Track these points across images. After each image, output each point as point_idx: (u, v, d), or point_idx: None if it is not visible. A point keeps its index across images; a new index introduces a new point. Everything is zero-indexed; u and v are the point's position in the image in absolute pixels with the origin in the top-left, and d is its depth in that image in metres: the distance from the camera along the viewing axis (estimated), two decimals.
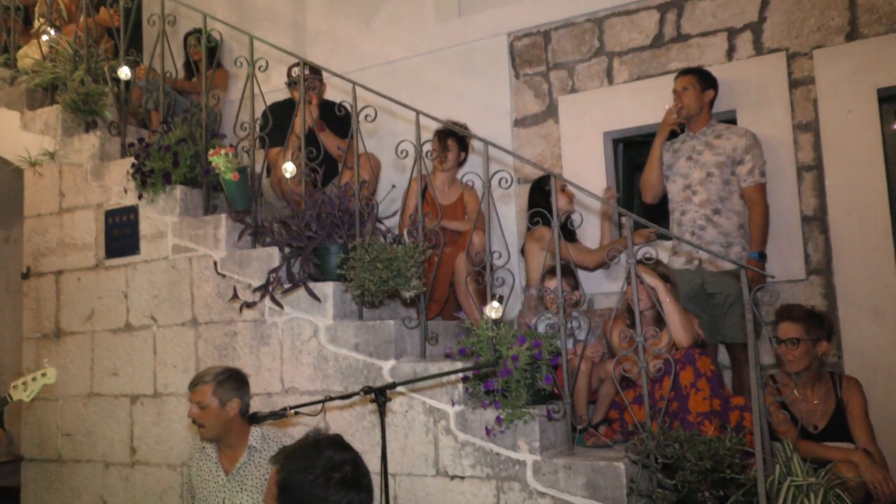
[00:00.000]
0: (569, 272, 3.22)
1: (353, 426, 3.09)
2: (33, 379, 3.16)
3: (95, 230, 3.87)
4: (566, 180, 3.17)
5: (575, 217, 3.40)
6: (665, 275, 3.10)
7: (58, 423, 3.87)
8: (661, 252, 3.63)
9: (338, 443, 1.83)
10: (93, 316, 3.84)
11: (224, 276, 3.48)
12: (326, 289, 3.23)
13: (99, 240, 3.85)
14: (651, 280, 2.96)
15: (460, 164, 4.08)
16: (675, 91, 3.67)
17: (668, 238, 3.56)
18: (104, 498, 3.69)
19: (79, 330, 3.88)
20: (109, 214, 3.82)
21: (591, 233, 4.00)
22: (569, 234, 3.68)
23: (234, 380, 2.86)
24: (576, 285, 3.35)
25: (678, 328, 2.90)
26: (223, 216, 3.55)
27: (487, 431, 2.76)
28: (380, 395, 2.46)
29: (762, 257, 3.47)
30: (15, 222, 5.37)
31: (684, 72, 3.70)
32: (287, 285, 3.26)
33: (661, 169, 3.71)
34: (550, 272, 3.37)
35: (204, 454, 2.93)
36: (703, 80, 3.65)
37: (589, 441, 2.95)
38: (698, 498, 2.45)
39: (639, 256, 2.78)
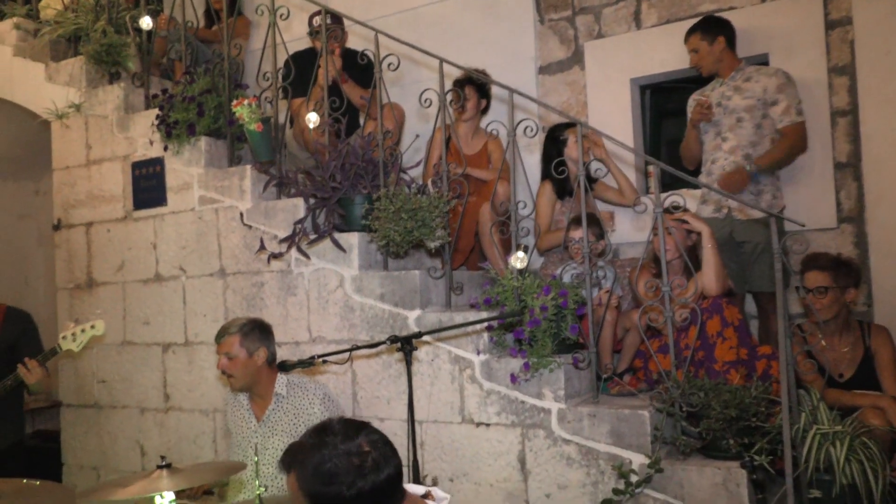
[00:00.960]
0: (594, 222, 3.19)
1: (380, 374, 3.14)
2: (82, 330, 3.25)
3: (123, 182, 3.91)
4: (592, 128, 3.12)
5: (596, 166, 3.37)
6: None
7: (93, 371, 3.98)
8: (690, 201, 3.58)
9: (348, 425, 1.62)
10: (123, 267, 3.91)
11: (250, 227, 3.51)
12: (352, 239, 3.25)
13: (126, 191, 3.89)
14: (697, 224, 2.94)
15: (483, 112, 4.02)
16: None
17: (696, 186, 3.50)
18: (140, 442, 3.82)
19: (110, 280, 3.95)
20: (136, 166, 3.85)
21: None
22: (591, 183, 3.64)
23: (259, 330, 2.92)
24: (601, 235, 3.33)
25: (712, 276, 2.88)
26: (248, 167, 3.56)
27: (513, 380, 2.79)
28: (406, 344, 2.50)
29: (755, 175, 3.39)
30: (44, 174, 5.44)
31: (689, 31, 3.59)
32: (313, 236, 3.28)
33: (698, 145, 3.64)
34: (576, 221, 3.36)
35: (237, 402, 3.01)
36: (708, 31, 3.54)
37: (613, 390, 2.97)
38: (722, 445, 2.47)
39: (666, 205, 2.75)
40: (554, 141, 3.76)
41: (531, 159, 3.94)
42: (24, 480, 2.42)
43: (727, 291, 2.99)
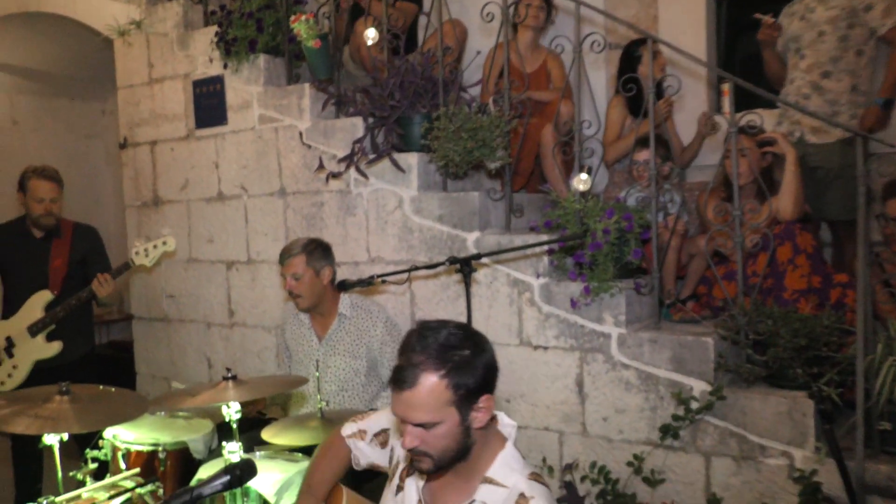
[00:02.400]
0: (661, 142, 3.06)
1: (438, 295, 3.15)
2: (154, 246, 3.35)
3: (184, 100, 3.92)
4: (664, 42, 2.94)
5: (669, 82, 3.18)
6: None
7: (162, 286, 4.13)
8: (768, 119, 3.39)
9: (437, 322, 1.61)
10: (187, 185, 3.97)
11: (309, 146, 3.49)
12: (410, 159, 3.20)
13: (188, 110, 3.91)
14: (785, 145, 2.80)
15: (543, 28, 3.84)
16: None
17: (772, 106, 3.30)
18: (207, 355, 3.97)
19: (175, 198, 4.03)
20: (196, 84, 3.85)
21: (689, 102, 3.75)
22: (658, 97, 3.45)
23: (321, 248, 2.94)
24: (667, 157, 3.20)
25: (790, 199, 2.74)
26: (306, 86, 3.51)
27: (572, 304, 2.75)
28: (465, 266, 2.48)
29: (888, 105, 3.16)
30: (110, 94, 5.52)
31: None
32: (371, 156, 3.25)
33: (776, 64, 3.40)
34: (641, 143, 3.23)
35: (297, 320, 3.07)
36: None
37: (676, 316, 2.91)
38: (789, 375, 2.40)
39: (741, 124, 2.60)
40: (629, 57, 3.57)
41: (597, 76, 3.77)
42: (101, 387, 2.55)
43: (802, 217, 2.85)
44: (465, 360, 1.49)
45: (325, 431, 2.33)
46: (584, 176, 2.80)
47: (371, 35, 3.24)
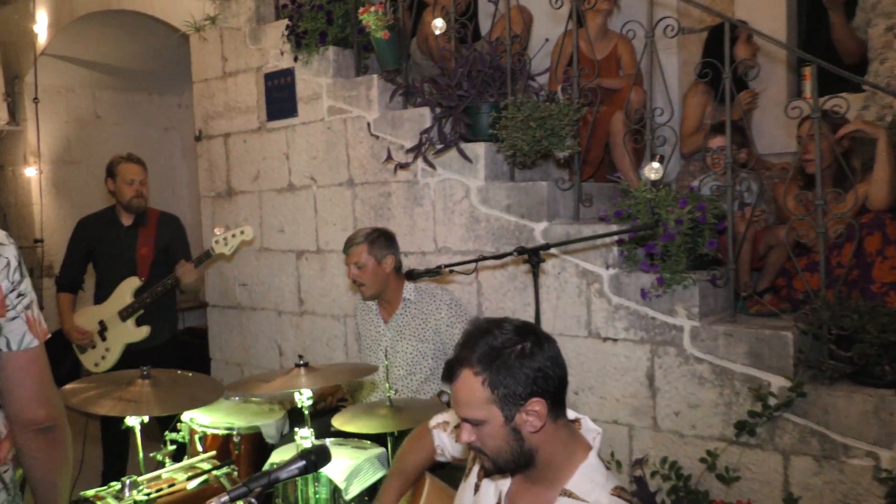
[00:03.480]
0: (737, 129, 2.95)
1: (505, 286, 3.13)
2: (233, 235, 3.47)
3: (256, 93, 4.01)
4: (741, 24, 2.83)
5: (750, 66, 3.08)
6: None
7: (235, 275, 4.24)
8: (855, 103, 3.23)
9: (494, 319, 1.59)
10: (259, 176, 4.07)
11: (377, 137, 3.52)
12: (478, 149, 3.19)
13: (260, 102, 4.00)
14: (872, 129, 2.65)
15: (611, 13, 3.75)
16: None
17: (859, 89, 3.14)
18: (278, 342, 4.07)
19: (247, 189, 4.14)
20: (268, 77, 3.93)
21: (769, 86, 3.61)
22: (741, 87, 3.33)
23: (384, 238, 2.97)
24: (744, 143, 3.09)
25: (883, 187, 2.59)
26: (374, 77, 3.54)
27: (643, 295, 2.69)
28: (533, 256, 2.46)
29: None
30: (185, 88, 5.70)
31: None
32: (439, 146, 3.25)
33: (844, 31, 3.23)
34: (716, 129, 3.12)
35: (366, 307, 3.12)
36: None
37: (752, 309, 2.81)
38: (876, 372, 2.29)
39: (825, 108, 2.48)
40: (719, 42, 3.44)
41: (669, 61, 3.66)
42: (179, 371, 2.65)
43: (893, 205, 2.70)
44: (508, 359, 1.45)
45: (393, 419, 2.36)
46: (655, 164, 2.73)
47: (439, 25, 3.24)
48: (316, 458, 1.38)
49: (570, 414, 1.60)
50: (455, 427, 1.83)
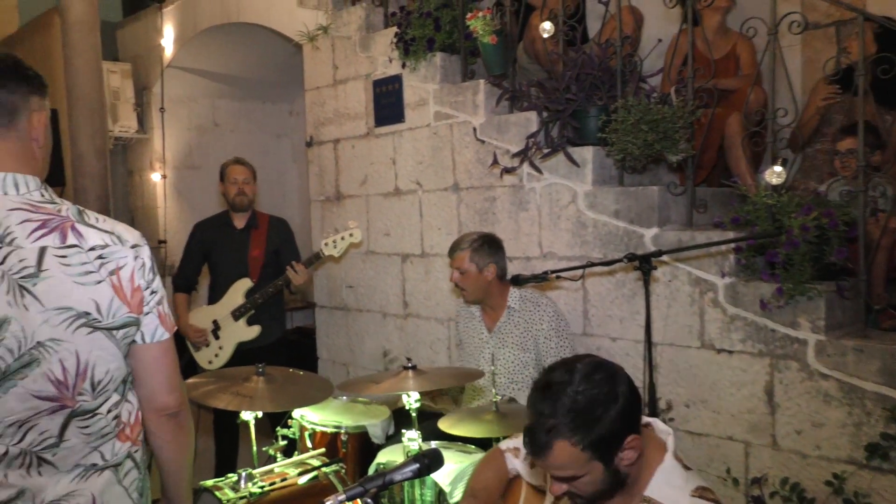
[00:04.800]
0: (869, 129, 2.75)
1: (612, 293, 3.05)
2: (342, 238, 3.58)
3: (365, 100, 4.11)
4: (875, 18, 2.64)
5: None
6: None
7: (342, 277, 4.36)
8: None
9: (564, 361, 1.53)
10: (366, 181, 4.16)
11: (483, 141, 3.52)
12: (585, 153, 3.13)
13: (368, 109, 4.09)
14: None
15: (729, 10, 3.59)
16: None
17: None
18: (383, 344, 4.14)
19: (355, 193, 4.24)
20: (377, 84, 4.02)
21: None
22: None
23: (489, 245, 2.97)
24: (878, 145, 2.88)
25: None
26: (481, 82, 3.54)
27: (762, 306, 2.55)
28: (644, 263, 2.39)
29: None
30: (296, 96, 5.93)
31: None
32: (545, 150, 3.21)
33: None
34: (846, 130, 2.93)
35: (469, 312, 3.13)
36: None
37: (885, 324, 2.61)
38: None
39: None
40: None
41: (792, 59, 3.46)
42: (291, 370, 2.74)
43: None
44: (597, 413, 1.41)
45: (499, 425, 2.34)
46: (777, 168, 2.58)
47: (547, 28, 3.21)
48: (429, 462, 1.38)
49: (642, 419, 1.58)
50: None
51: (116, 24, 6.26)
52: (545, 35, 3.24)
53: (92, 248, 1.38)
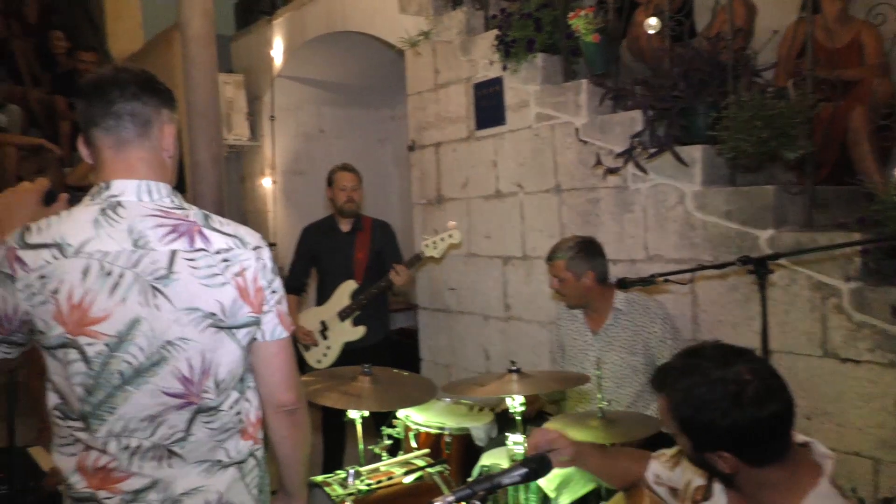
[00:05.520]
0: None
1: (724, 298, 2.93)
2: (441, 239, 3.63)
3: (466, 103, 4.13)
4: None
5: None
6: None
7: (444, 279, 4.40)
8: None
9: (723, 350, 1.47)
10: (467, 184, 4.18)
11: (585, 142, 3.47)
12: (694, 152, 3.02)
13: (469, 112, 4.11)
14: None
15: None
16: None
17: None
18: (484, 346, 4.15)
19: (456, 196, 4.27)
20: (477, 87, 4.03)
21: None
22: None
23: (585, 251, 2.90)
24: None
25: None
26: (583, 82, 3.49)
27: (894, 312, 2.38)
28: (760, 267, 2.27)
29: None
30: (398, 101, 6.03)
31: None
32: (651, 150, 3.12)
33: None
34: None
35: (571, 316, 3.08)
36: None
37: None
38: None
39: None
40: None
41: None
42: (396, 371, 2.78)
43: None
44: (701, 411, 1.40)
45: (605, 432, 2.29)
46: None
47: (653, 23, 3.12)
48: (537, 467, 1.37)
49: (799, 437, 1.48)
50: (672, 456, 1.76)
51: (230, 37, 6.59)
52: (651, 31, 3.15)
53: (217, 252, 1.46)
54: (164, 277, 1.40)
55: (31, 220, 1.43)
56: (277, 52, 5.92)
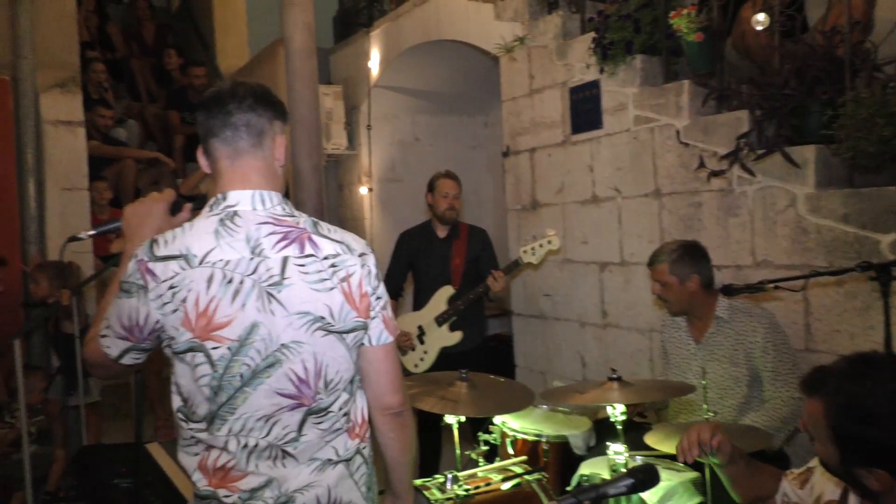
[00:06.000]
0: None
1: (840, 305, 2.77)
2: (540, 245, 3.62)
3: (561, 108, 4.09)
4: None
5: None
6: None
7: (539, 285, 4.36)
8: None
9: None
10: (562, 189, 4.14)
11: (687, 145, 3.36)
12: (806, 153, 2.87)
13: (565, 116, 4.07)
14: None
15: None
16: None
17: None
18: (581, 353, 4.08)
19: (551, 202, 4.23)
20: (573, 91, 3.99)
21: None
22: None
23: (690, 255, 2.81)
24: None
25: None
26: (685, 82, 3.38)
27: None
28: (883, 273, 2.14)
29: None
30: (491, 108, 6.05)
31: None
32: (759, 151, 2.99)
33: None
34: None
35: (674, 324, 2.99)
36: None
37: None
38: None
39: None
40: None
41: None
42: (492, 377, 2.79)
43: None
44: (858, 424, 1.31)
45: None
46: None
47: (761, 19, 3.00)
48: (644, 478, 1.34)
49: None
50: (799, 474, 1.67)
51: (329, 49, 6.80)
52: (759, 27, 3.02)
53: (326, 258, 1.51)
54: (278, 283, 1.47)
55: (159, 229, 1.53)
56: (374, 62, 6.06)
